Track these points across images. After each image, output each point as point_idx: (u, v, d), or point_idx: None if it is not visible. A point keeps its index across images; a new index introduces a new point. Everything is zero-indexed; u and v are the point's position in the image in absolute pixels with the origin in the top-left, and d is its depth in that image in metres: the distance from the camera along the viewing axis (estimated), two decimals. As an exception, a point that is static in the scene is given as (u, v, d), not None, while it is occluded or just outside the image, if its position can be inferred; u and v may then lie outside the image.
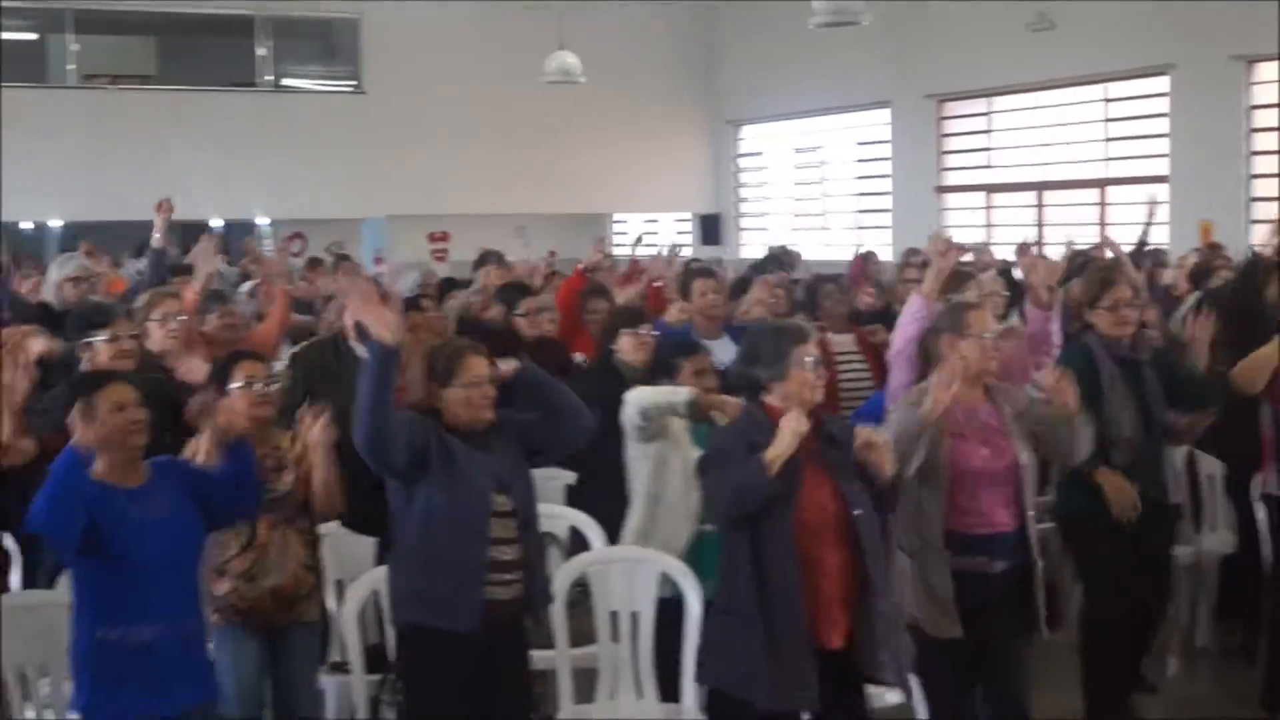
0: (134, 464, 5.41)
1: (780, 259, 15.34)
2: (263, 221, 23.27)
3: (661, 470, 6.74)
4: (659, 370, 7.04)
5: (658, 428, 6.72)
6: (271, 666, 6.27)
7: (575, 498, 7.89)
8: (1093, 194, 18.53)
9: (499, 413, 5.81)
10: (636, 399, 6.72)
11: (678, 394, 6.70)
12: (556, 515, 7.24)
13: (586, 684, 6.54)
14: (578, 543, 7.23)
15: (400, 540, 5.75)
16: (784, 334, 5.65)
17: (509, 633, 5.77)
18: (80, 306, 8.45)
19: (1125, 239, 11.64)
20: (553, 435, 6.05)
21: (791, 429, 5.29)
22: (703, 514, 6.57)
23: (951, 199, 20.72)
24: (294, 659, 6.34)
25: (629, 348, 7.77)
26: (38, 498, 5.17)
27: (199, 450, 5.58)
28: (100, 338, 7.05)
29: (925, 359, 6.48)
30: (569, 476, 8.00)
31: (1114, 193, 18.19)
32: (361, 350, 6.31)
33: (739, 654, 5.45)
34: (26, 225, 22.96)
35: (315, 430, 6.15)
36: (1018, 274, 9.48)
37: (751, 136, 25.35)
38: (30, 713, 5.94)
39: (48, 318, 8.85)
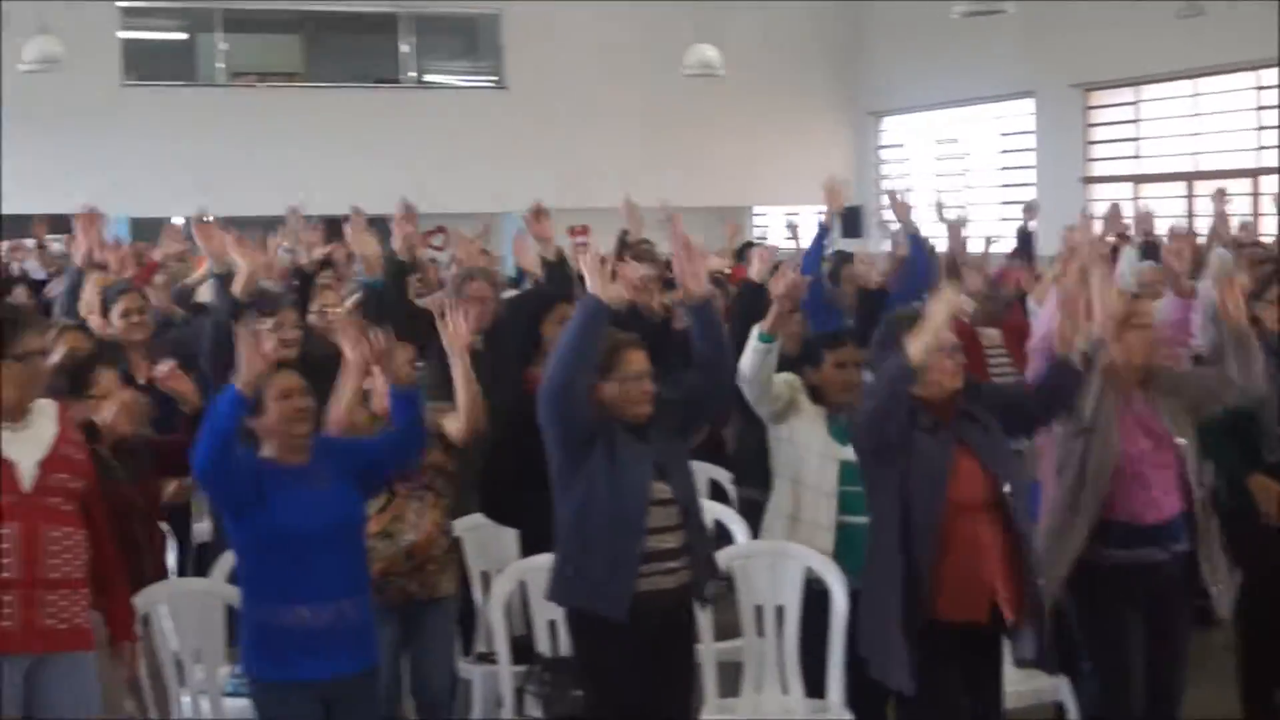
0: (299, 449, 5.57)
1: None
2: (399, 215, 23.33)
3: (799, 453, 6.69)
4: (804, 359, 7.01)
5: (780, 402, 6.67)
6: (407, 646, 6.36)
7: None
8: (1245, 184, 18.13)
9: (663, 405, 5.83)
10: (741, 370, 6.67)
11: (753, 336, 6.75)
12: (703, 509, 7.20)
13: (731, 678, 6.54)
14: (722, 536, 7.23)
15: (560, 523, 5.78)
16: (918, 316, 5.65)
17: (675, 621, 5.77)
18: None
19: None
20: (708, 390, 6.06)
21: (941, 310, 5.36)
22: (846, 503, 6.57)
23: (1098, 190, 20.40)
24: (429, 637, 6.45)
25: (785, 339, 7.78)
26: (199, 440, 5.37)
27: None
28: (265, 325, 7.20)
29: None
30: (714, 471, 8.01)
31: (1266, 182, 17.81)
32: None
33: (880, 636, 5.46)
34: (179, 220, 23.26)
35: (461, 330, 6.24)
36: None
37: (893, 128, 25.14)
38: (186, 697, 6.04)
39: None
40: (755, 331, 6.60)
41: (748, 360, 6.51)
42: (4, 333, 5.38)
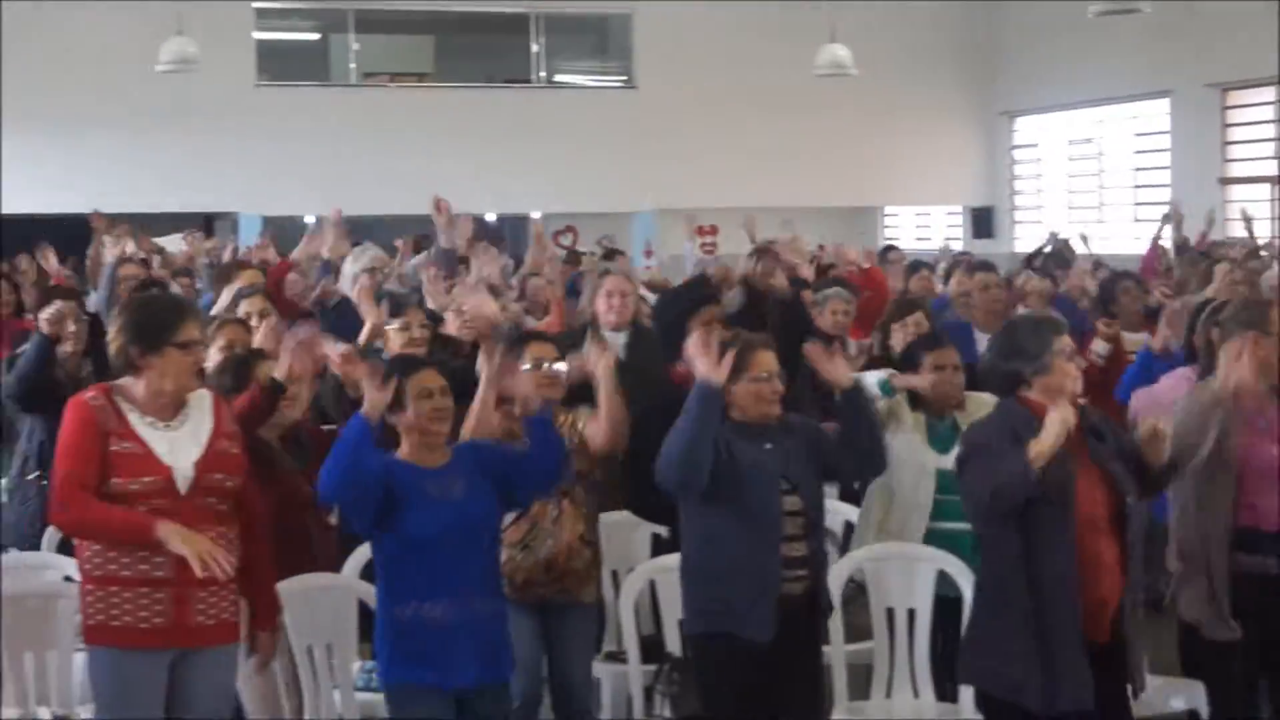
0: (437, 448, 5.57)
1: (1062, 252, 15.04)
2: (535, 215, 23.52)
3: (893, 465, 6.65)
4: (904, 362, 6.97)
5: (885, 413, 6.64)
6: (548, 648, 6.36)
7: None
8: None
9: (794, 415, 5.81)
10: None
11: (879, 375, 6.71)
12: (830, 510, 7.17)
13: (861, 681, 6.51)
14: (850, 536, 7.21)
15: (691, 551, 5.75)
16: (1043, 326, 5.57)
17: (800, 627, 5.73)
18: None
19: None
20: (857, 469, 6.08)
21: (1059, 420, 5.19)
22: (936, 510, 6.54)
23: (1236, 191, 20.08)
24: (569, 641, 6.43)
25: (900, 339, 7.76)
26: (325, 468, 5.39)
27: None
28: (393, 325, 7.25)
29: (1208, 354, 6.34)
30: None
31: None
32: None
33: (1008, 655, 5.37)
34: (310, 219, 23.53)
35: (602, 362, 6.24)
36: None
37: (1026, 128, 24.89)
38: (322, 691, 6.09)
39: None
40: (882, 376, 6.68)
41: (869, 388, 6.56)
42: (166, 321, 5.46)
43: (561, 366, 6.40)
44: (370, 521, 5.50)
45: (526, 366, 6.23)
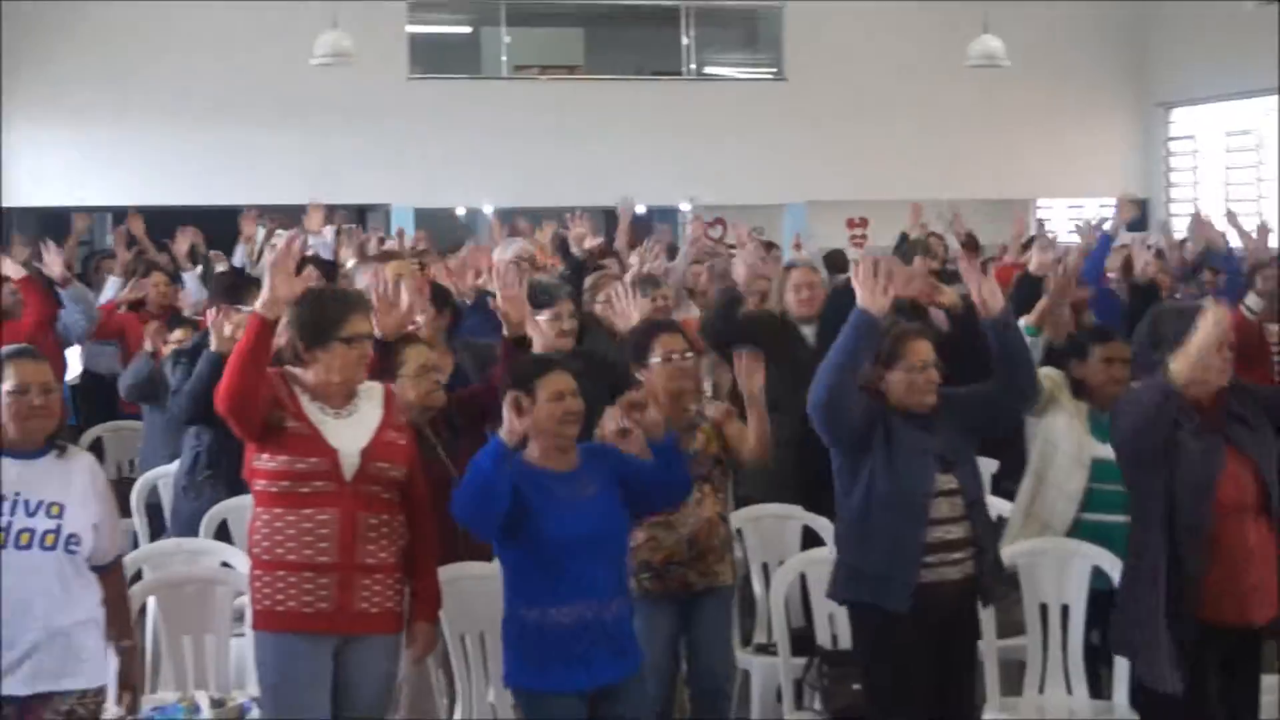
0: (567, 450, 5.55)
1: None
2: (685, 207, 23.54)
3: (1048, 450, 6.60)
4: (1071, 352, 6.89)
5: (1044, 396, 6.58)
6: (687, 638, 6.36)
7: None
8: None
9: (943, 391, 5.76)
10: None
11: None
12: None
13: (1013, 676, 6.46)
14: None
15: (842, 518, 5.75)
16: (1186, 313, 5.51)
17: (959, 614, 5.70)
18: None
19: None
20: (1005, 402, 5.98)
21: (1213, 319, 5.22)
22: (1089, 500, 6.47)
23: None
24: (707, 627, 6.44)
25: (1052, 330, 7.68)
26: (461, 487, 5.40)
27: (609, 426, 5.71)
28: (543, 316, 7.28)
29: None
30: (993, 465, 7.92)
31: None
32: None
33: (1144, 636, 5.34)
34: (460, 210, 23.72)
35: (753, 379, 6.25)
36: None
37: (1182, 120, 24.48)
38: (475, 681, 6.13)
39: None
40: (1022, 323, 6.57)
41: None
42: (333, 316, 5.53)
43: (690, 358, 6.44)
44: (495, 535, 5.52)
45: (656, 359, 6.26)
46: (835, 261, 15.01)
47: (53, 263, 10.28)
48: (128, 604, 5.51)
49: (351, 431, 5.47)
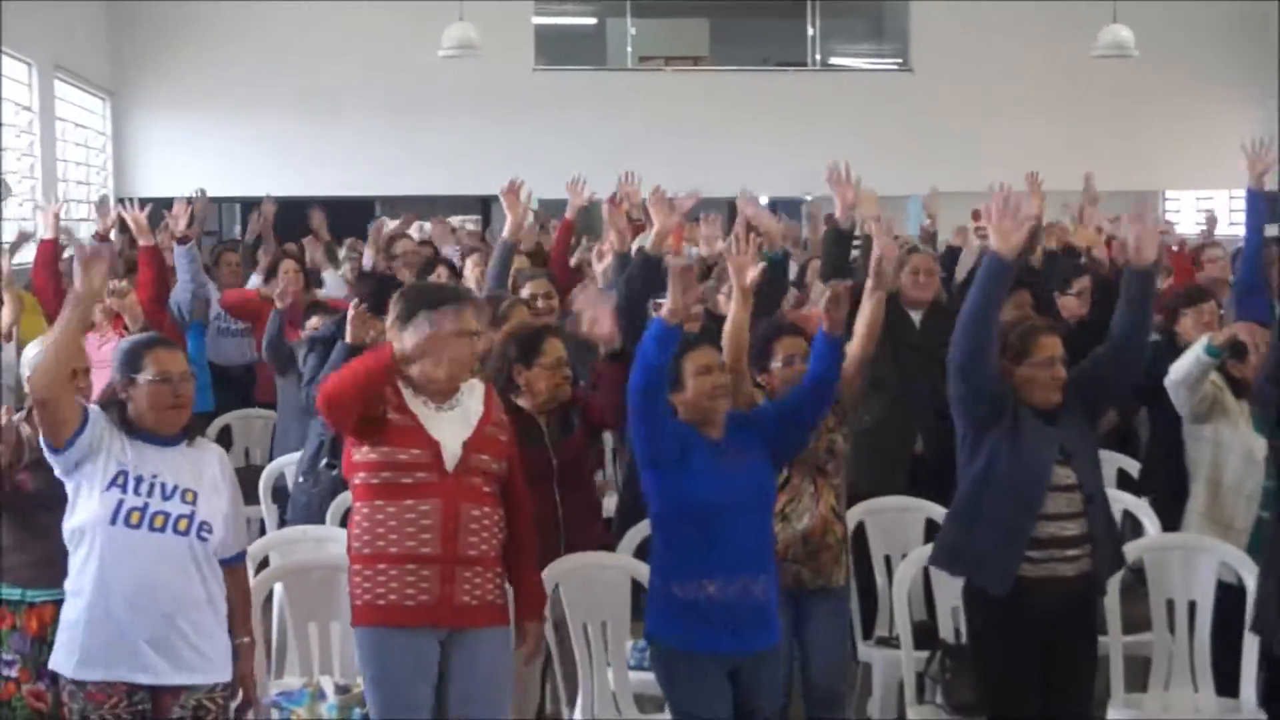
0: (717, 423, 5.62)
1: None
2: (807, 198, 23.54)
3: (1219, 453, 6.53)
4: (1233, 352, 6.79)
5: (1206, 402, 6.51)
6: (798, 635, 6.36)
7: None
8: None
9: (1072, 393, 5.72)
10: (1172, 374, 6.55)
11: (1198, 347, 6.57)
12: (1111, 499, 7.04)
13: (1138, 673, 6.40)
14: (1133, 529, 7.08)
15: (958, 495, 5.72)
16: None
17: (1075, 611, 5.64)
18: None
19: None
20: (1118, 365, 5.92)
21: None
22: (1263, 501, 6.38)
23: None
24: (821, 626, 6.42)
25: (1189, 327, 7.55)
26: (631, 376, 5.55)
27: None
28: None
29: None
30: (1124, 461, 7.84)
31: None
32: None
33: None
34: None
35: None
36: None
37: (1312, 112, 24.15)
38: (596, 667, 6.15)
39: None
40: (1205, 340, 6.56)
41: (1186, 365, 6.41)
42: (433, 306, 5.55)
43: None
44: (663, 453, 5.53)
45: (777, 363, 6.30)
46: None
47: (179, 215, 10.33)
48: (249, 600, 5.56)
49: (454, 425, 5.49)
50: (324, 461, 7.75)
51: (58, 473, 5.27)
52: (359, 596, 5.46)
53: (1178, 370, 6.56)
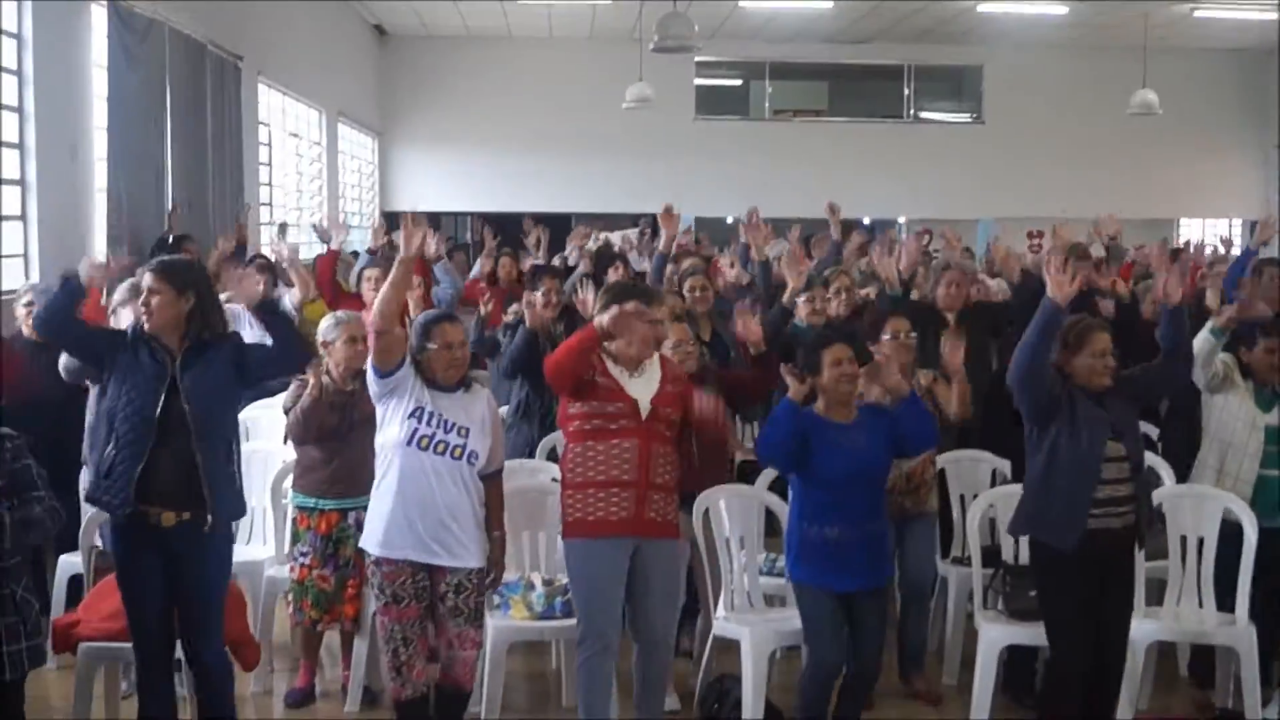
0: (847, 406, 5.55)
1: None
2: (901, 220, 23.42)
3: (1227, 418, 6.36)
4: (1241, 341, 6.59)
5: (1218, 378, 6.35)
6: (900, 549, 6.31)
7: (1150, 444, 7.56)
8: None
9: (1118, 373, 5.57)
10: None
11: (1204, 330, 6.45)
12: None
13: (1156, 592, 6.27)
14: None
15: (1030, 470, 5.59)
16: None
17: (1121, 553, 5.49)
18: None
19: None
20: (1166, 374, 5.79)
21: None
22: (1265, 461, 6.23)
23: None
24: (917, 541, 6.41)
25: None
26: (762, 435, 5.57)
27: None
28: (801, 299, 7.24)
29: None
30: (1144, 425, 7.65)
31: None
32: None
33: None
34: (729, 219, 23.87)
35: (957, 356, 6.21)
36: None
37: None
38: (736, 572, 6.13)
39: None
40: (1211, 324, 6.45)
41: (1197, 345, 6.26)
42: (630, 299, 5.57)
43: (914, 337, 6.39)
44: (785, 468, 5.54)
45: (887, 336, 6.21)
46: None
47: (433, 245, 10.47)
48: (502, 505, 5.58)
49: (643, 386, 5.50)
50: (519, 416, 7.71)
51: (374, 396, 5.35)
52: (571, 514, 5.47)
53: (1196, 348, 6.38)
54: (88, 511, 5.87)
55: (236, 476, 5.28)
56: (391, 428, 5.28)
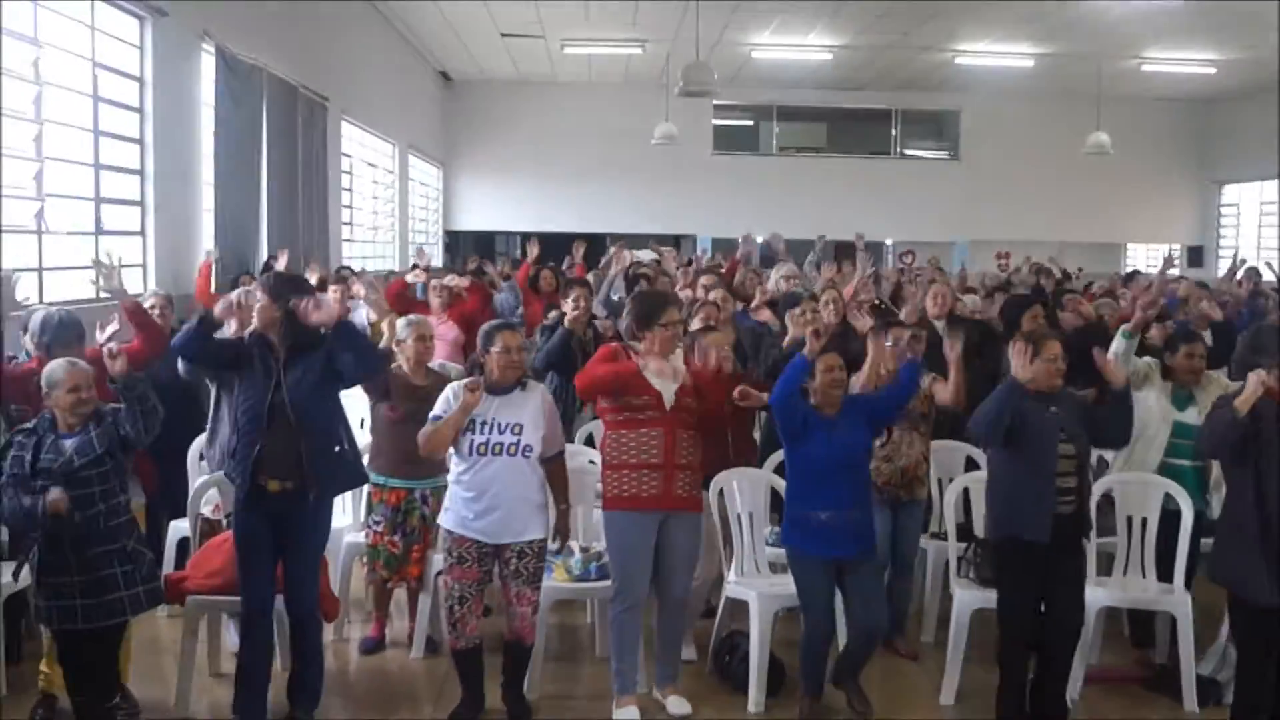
0: (835, 405, 5.48)
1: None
2: (888, 242, 23.34)
3: (1144, 414, 6.24)
4: (1166, 347, 6.51)
5: (1139, 375, 6.26)
6: (892, 532, 6.25)
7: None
8: None
9: (1072, 392, 5.51)
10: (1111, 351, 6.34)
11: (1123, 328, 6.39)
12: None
13: (1105, 565, 6.21)
14: (1101, 467, 6.85)
15: (994, 479, 5.49)
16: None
17: (1069, 537, 5.40)
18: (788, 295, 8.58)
19: None
20: (1108, 434, 5.75)
21: (1255, 382, 4.90)
22: (1169, 449, 6.12)
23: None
24: (907, 525, 6.34)
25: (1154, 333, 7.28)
26: (776, 388, 5.46)
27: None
28: (793, 315, 7.15)
29: None
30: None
31: None
32: None
33: (1243, 563, 5.01)
34: (737, 238, 23.87)
35: (956, 348, 6.08)
36: None
37: (1229, 192, 23.41)
38: (745, 543, 6.10)
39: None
40: (1123, 329, 6.38)
41: (1115, 344, 6.21)
42: (655, 308, 5.58)
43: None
44: (794, 432, 5.43)
45: (889, 342, 6.14)
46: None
47: (493, 272, 10.55)
48: (566, 481, 5.55)
49: (668, 381, 5.47)
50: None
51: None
52: (609, 490, 5.48)
53: (1112, 350, 6.30)
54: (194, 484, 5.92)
55: (342, 457, 5.27)
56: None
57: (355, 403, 6.34)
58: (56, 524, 4.64)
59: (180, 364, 6.32)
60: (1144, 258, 24.98)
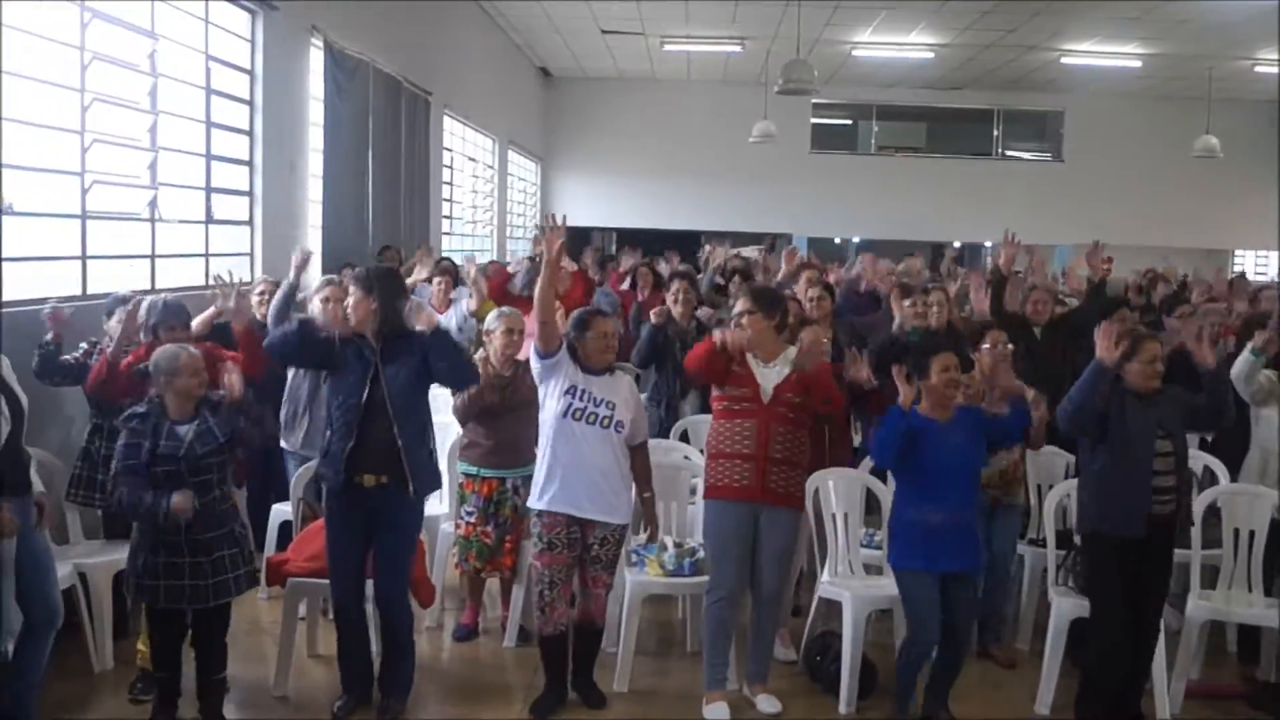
0: (948, 408, 5.37)
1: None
2: (988, 244, 23.03)
3: (1272, 429, 6.12)
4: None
5: (1262, 392, 6.12)
6: (989, 534, 6.15)
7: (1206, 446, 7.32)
8: None
9: (1168, 385, 5.38)
10: (1234, 371, 6.17)
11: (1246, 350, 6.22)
12: (1194, 457, 6.66)
13: (1210, 577, 6.07)
14: (1209, 478, 6.70)
15: (1086, 473, 5.40)
16: None
17: (1166, 535, 5.30)
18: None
19: None
20: (1209, 419, 5.60)
21: None
22: None
23: None
24: (1003, 528, 6.23)
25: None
26: (877, 436, 5.40)
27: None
28: (903, 306, 7.09)
29: None
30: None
31: None
32: None
33: None
34: (837, 240, 23.69)
35: (991, 356, 5.93)
36: None
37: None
38: (840, 544, 6.05)
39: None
40: (1250, 346, 6.22)
41: (1239, 365, 6.06)
42: (775, 306, 5.59)
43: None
44: (890, 465, 5.41)
45: (985, 345, 6.04)
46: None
47: (589, 264, 10.59)
48: (649, 470, 5.59)
49: (771, 375, 5.48)
50: (649, 401, 7.69)
51: (537, 376, 5.44)
52: (708, 479, 5.53)
53: (1236, 369, 6.17)
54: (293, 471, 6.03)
55: (432, 453, 5.35)
56: (551, 402, 5.38)
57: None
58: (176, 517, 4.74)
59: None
60: (1252, 265, 24.37)
